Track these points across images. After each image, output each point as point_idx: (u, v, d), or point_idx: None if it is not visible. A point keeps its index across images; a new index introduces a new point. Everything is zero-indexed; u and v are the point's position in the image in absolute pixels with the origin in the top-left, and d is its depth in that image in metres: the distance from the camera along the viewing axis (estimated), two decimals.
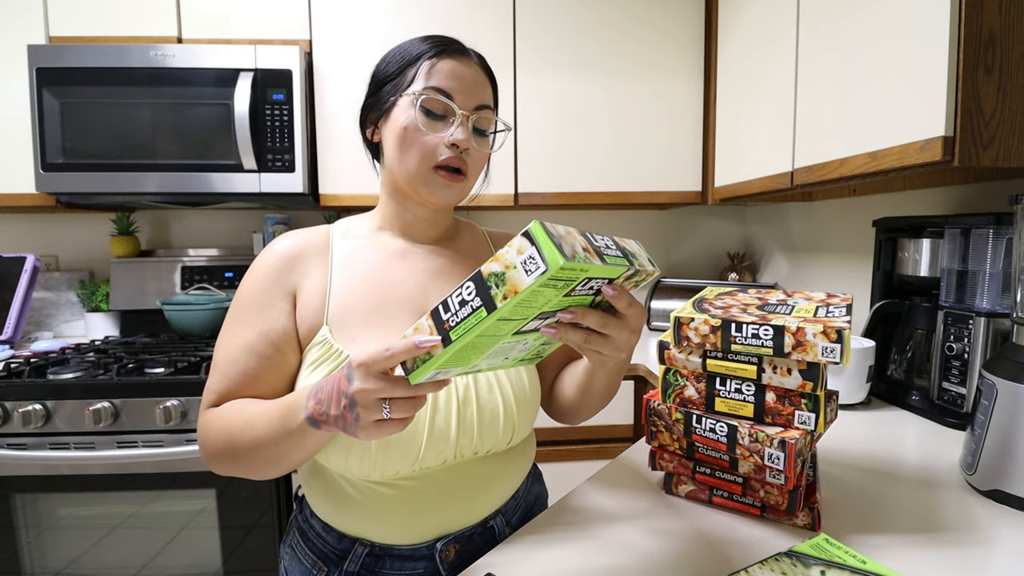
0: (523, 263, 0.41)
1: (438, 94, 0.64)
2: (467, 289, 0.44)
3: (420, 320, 0.47)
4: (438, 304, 0.46)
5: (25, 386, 1.27)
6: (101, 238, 1.95)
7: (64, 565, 1.31)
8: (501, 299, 0.42)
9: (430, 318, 0.46)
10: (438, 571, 0.64)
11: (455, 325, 0.44)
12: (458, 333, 0.44)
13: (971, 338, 0.97)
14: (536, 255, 0.41)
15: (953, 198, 1.20)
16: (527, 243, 0.41)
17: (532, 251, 0.41)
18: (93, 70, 1.48)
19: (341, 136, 1.64)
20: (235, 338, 0.64)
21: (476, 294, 0.43)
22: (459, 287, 0.45)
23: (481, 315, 0.43)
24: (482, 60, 0.70)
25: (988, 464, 0.71)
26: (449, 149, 0.65)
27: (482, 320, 0.43)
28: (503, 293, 0.42)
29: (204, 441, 0.62)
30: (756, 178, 1.42)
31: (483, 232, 0.81)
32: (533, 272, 0.41)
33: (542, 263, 0.41)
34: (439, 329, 0.45)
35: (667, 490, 0.73)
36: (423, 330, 0.46)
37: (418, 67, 0.65)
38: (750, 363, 0.63)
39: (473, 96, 0.66)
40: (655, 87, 1.73)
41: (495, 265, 0.43)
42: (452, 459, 0.63)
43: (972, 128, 0.80)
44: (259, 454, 0.57)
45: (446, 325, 0.45)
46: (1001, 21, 0.79)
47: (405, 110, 0.65)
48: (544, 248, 0.41)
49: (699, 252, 2.18)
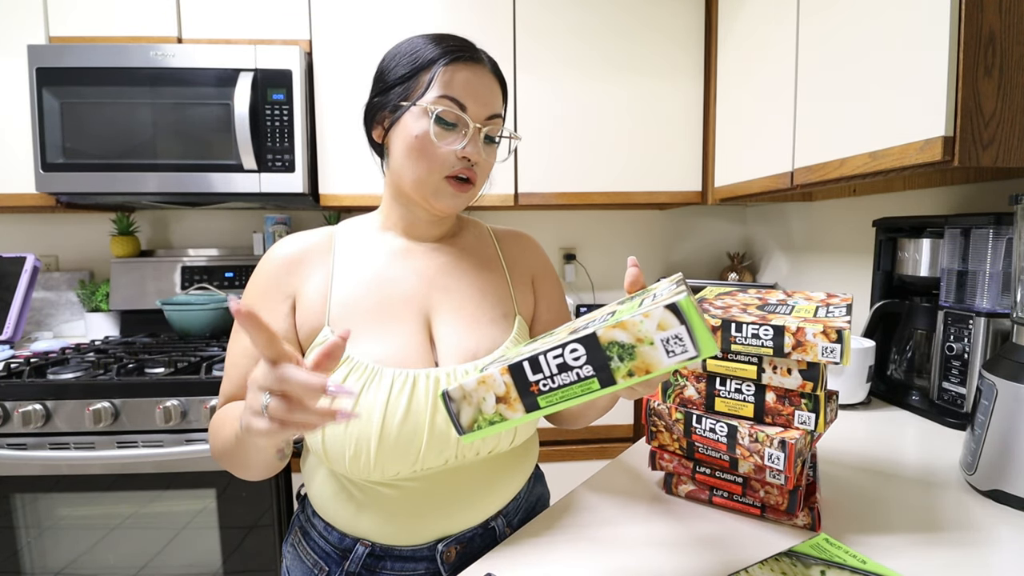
0: (664, 341, 0.35)
1: (453, 105, 0.63)
2: (572, 352, 0.36)
3: (490, 372, 0.38)
4: (521, 360, 0.38)
5: (25, 386, 1.26)
6: (101, 238, 1.95)
7: (64, 565, 1.31)
8: (624, 375, 0.35)
9: (507, 374, 0.38)
10: (439, 572, 0.64)
11: (547, 391, 0.37)
12: (550, 400, 0.37)
13: (971, 338, 0.97)
14: (686, 337, 0.34)
15: (953, 198, 1.20)
16: (674, 319, 0.34)
17: (680, 330, 0.34)
18: (93, 70, 1.48)
19: (341, 136, 1.64)
20: (237, 343, 0.66)
21: (587, 361, 0.36)
22: (558, 347, 0.37)
23: (591, 387, 0.36)
24: (494, 65, 0.69)
25: (988, 464, 0.71)
26: (460, 161, 0.65)
27: (590, 392, 0.36)
28: (628, 369, 0.35)
29: (211, 442, 0.65)
30: (756, 178, 1.42)
31: (488, 229, 0.81)
32: (677, 355, 0.35)
33: (692, 348, 0.34)
34: (521, 391, 0.37)
35: (667, 490, 0.73)
36: (494, 386, 0.38)
37: (432, 73, 0.63)
38: (750, 363, 0.63)
39: (486, 106, 0.66)
40: (655, 87, 1.73)
41: (620, 334, 0.35)
42: (454, 460, 0.63)
43: (972, 128, 0.80)
44: (229, 457, 0.60)
45: (534, 388, 0.37)
46: (1001, 21, 0.79)
47: (418, 119, 0.63)
48: (697, 331, 0.34)
49: (699, 252, 2.18)
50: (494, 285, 0.73)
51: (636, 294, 0.57)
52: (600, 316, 0.50)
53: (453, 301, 0.69)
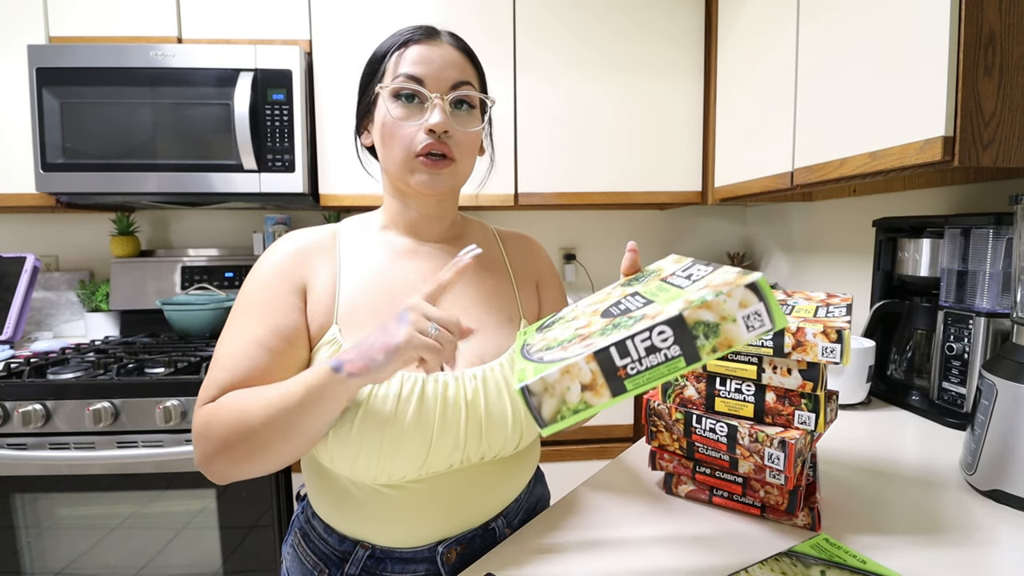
0: (745, 318, 0.39)
1: (407, 81, 0.64)
2: (660, 335, 0.39)
3: (574, 361, 0.40)
4: (608, 346, 0.40)
5: (25, 386, 1.26)
6: (101, 238, 1.95)
7: (64, 565, 1.31)
8: (709, 351, 0.39)
9: (593, 361, 0.40)
10: (439, 573, 0.64)
11: (635, 374, 0.40)
12: (638, 383, 0.40)
13: (971, 338, 0.97)
14: (764, 312, 0.39)
15: (953, 198, 1.20)
16: (754, 297, 0.39)
17: (759, 307, 0.39)
18: (93, 70, 1.48)
19: (341, 136, 1.64)
20: (243, 333, 0.61)
21: (675, 342, 0.39)
22: (644, 330, 0.40)
23: (678, 365, 0.39)
24: (456, 39, 0.69)
25: (988, 464, 0.71)
26: (428, 135, 0.64)
27: (677, 371, 0.40)
28: (712, 345, 0.39)
29: (206, 434, 0.56)
30: (756, 178, 1.42)
31: (493, 230, 0.80)
32: (756, 328, 0.39)
33: (768, 321, 0.39)
34: (608, 376, 0.40)
35: (667, 490, 0.73)
36: (579, 374, 0.40)
37: (388, 60, 0.65)
38: (750, 363, 0.63)
39: (445, 77, 0.65)
40: (655, 87, 1.73)
41: (706, 314, 0.39)
42: (459, 463, 0.63)
43: (972, 128, 0.80)
44: (273, 425, 0.54)
45: (621, 372, 0.40)
46: (1001, 21, 0.79)
47: (382, 106, 0.65)
48: (773, 307, 0.39)
49: (699, 252, 2.18)
50: (499, 288, 0.73)
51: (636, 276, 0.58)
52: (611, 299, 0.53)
53: (459, 303, 0.69)
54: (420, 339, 0.50)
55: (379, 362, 0.51)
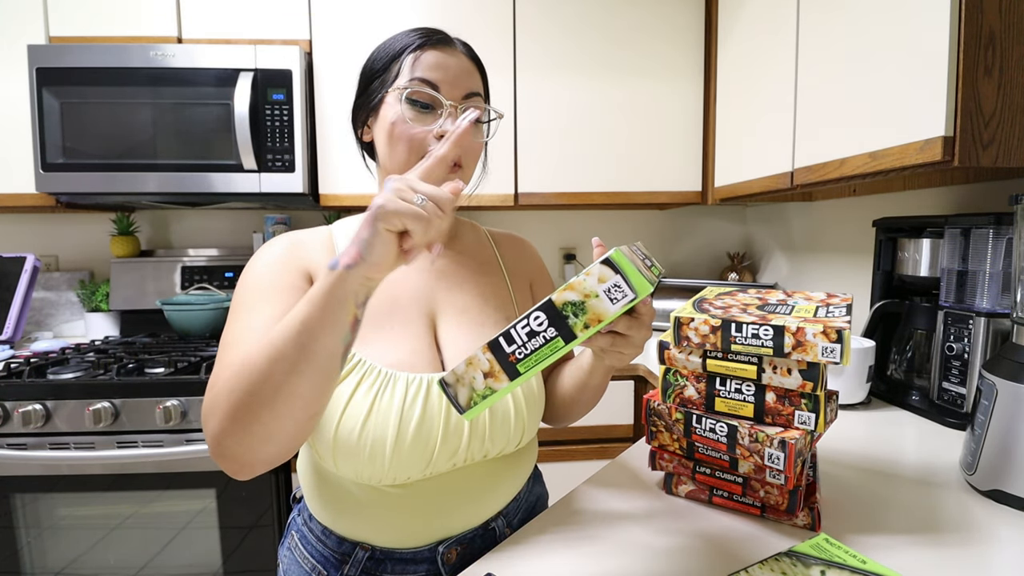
0: (607, 291, 0.42)
1: (424, 86, 0.63)
2: (536, 320, 0.43)
3: (474, 354, 0.45)
4: (497, 337, 0.45)
5: (25, 386, 1.26)
6: (101, 238, 1.95)
7: (64, 565, 1.31)
8: (582, 328, 0.42)
9: (488, 351, 0.44)
10: (439, 573, 0.64)
11: (523, 357, 0.44)
12: (527, 365, 0.44)
13: (971, 338, 0.97)
14: (623, 283, 0.41)
15: (953, 198, 1.20)
16: (610, 271, 0.42)
17: (617, 279, 0.41)
18: (93, 70, 1.48)
19: (341, 136, 1.64)
20: (255, 318, 0.57)
21: (549, 324, 0.43)
22: (522, 318, 0.44)
23: (557, 345, 0.43)
24: (468, 49, 0.69)
25: (988, 464, 0.71)
26: (438, 141, 0.63)
27: (558, 350, 0.43)
28: (583, 322, 0.42)
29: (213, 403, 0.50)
30: (756, 178, 1.42)
31: (485, 232, 0.81)
32: (619, 300, 0.41)
33: (630, 291, 0.41)
34: (502, 363, 0.44)
35: (667, 490, 0.73)
36: (480, 364, 0.44)
37: (402, 61, 0.64)
38: (750, 363, 0.63)
39: (460, 86, 0.65)
40: (655, 87, 1.73)
41: (570, 294, 0.42)
42: (462, 463, 0.63)
43: (972, 128, 0.80)
44: (282, 357, 0.47)
45: (511, 358, 0.44)
46: (1001, 21, 0.79)
47: (392, 106, 0.64)
48: (631, 277, 0.41)
49: (699, 252, 2.18)
50: (495, 289, 0.73)
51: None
52: None
53: (457, 303, 0.69)
54: (400, 204, 0.46)
55: (366, 240, 0.46)
